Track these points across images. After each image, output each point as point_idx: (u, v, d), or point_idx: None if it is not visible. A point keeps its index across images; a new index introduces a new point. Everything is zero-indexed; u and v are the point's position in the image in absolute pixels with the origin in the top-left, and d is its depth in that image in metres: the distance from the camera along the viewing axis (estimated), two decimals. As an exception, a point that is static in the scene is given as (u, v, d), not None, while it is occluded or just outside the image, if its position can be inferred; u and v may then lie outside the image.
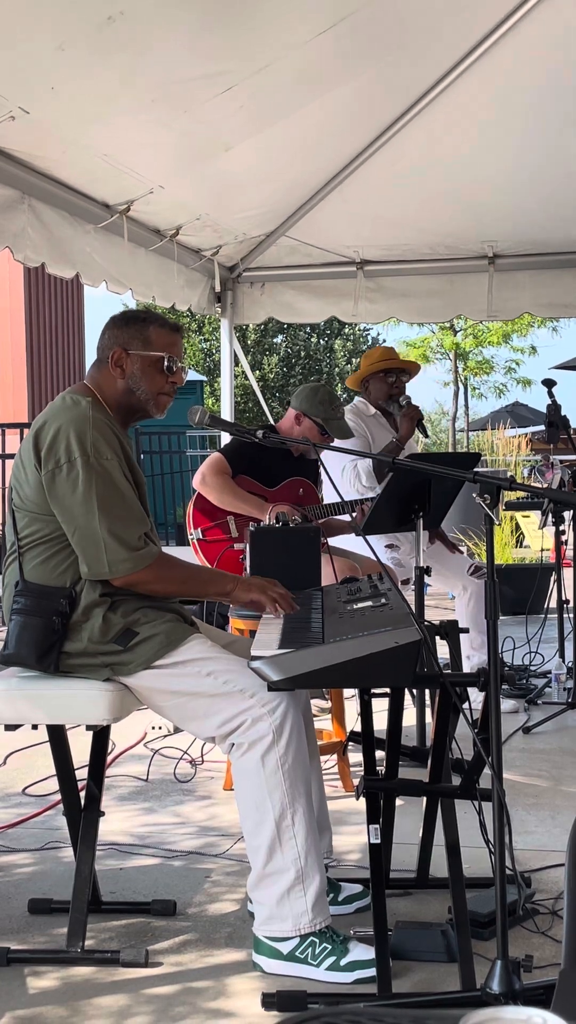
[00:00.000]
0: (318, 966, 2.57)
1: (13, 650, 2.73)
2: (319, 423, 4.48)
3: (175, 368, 2.91)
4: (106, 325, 2.94)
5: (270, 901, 2.61)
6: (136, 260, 5.11)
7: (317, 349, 28.99)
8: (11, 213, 4.03)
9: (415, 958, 2.65)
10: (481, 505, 2.28)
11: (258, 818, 2.61)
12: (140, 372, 2.87)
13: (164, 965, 2.69)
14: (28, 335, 17.59)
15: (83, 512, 2.68)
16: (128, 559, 2.69)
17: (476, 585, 5.09)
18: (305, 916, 2.57)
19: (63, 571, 2.74)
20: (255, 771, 2.60)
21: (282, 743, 2.59)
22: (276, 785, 2.59)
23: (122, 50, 3.50)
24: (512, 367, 22.53)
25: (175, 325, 2.95)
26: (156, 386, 2.90)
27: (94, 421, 2.72)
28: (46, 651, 2.71)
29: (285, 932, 2.58)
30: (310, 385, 4.65)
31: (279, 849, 2.59)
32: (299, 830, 2.59)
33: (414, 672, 2.36)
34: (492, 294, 6.15)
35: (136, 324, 2.89)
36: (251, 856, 2.65)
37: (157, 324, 2.91)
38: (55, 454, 2.69)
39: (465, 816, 2.67)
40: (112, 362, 2.86)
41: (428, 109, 4.94)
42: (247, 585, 2.85)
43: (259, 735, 2.60)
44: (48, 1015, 2.45)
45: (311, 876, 2.58)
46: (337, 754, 4.01)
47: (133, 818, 3.77)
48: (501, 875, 2.20)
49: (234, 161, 4.76)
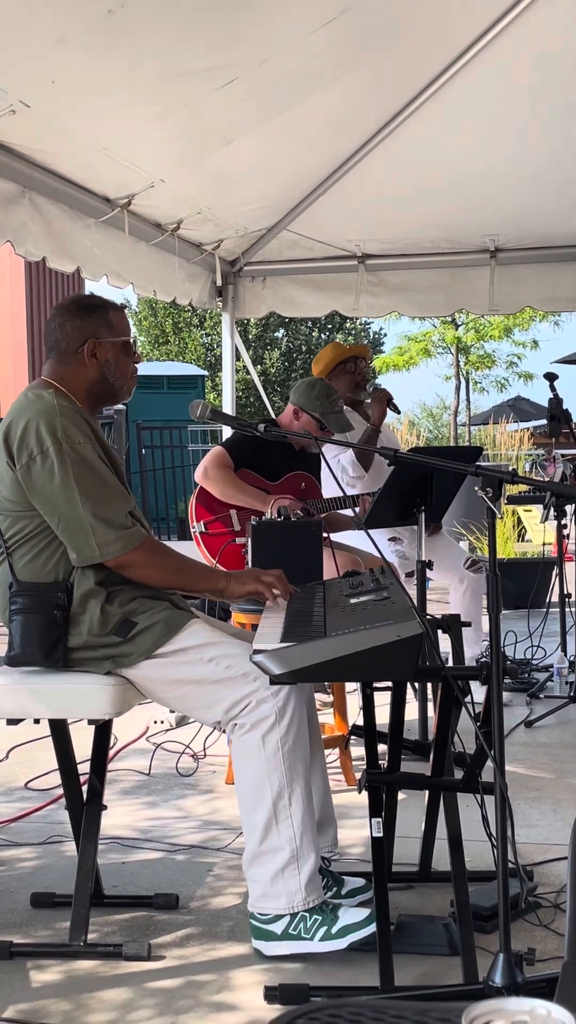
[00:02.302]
0: (312, 939, 2.61)
1: (19, 650, 2.72)
2: (317, 418, 4.48)
3: (135, 349, 2.94)
4: (60, 317, 2.87)
5: (264, 879, 2.64)
6: (137, 254, 5.11)
7: (319, 344, 28.95)
8: (12, 207, 4.02)
9: (417, 951, 2.65)
10: (483, 498, 2.28)
11: (256, 797, 2.63)
12: (113, 359, 2.87)
13: (167, 959, 2.69)
14: (29, 330, 17.58)
15: (64, 500, 2.67)
16: (117, 539, 2.68)
17: (472, 578, 5.10)
18: (299, 894, 2.61)
19: (54, 565, 2.73)
20: (255, 751, 2.62)
21: (283, 724, 2.61)
22: (275, 766, 2.61)
23: (123, 43, 3.49)
24: (514, 361, 22.50)
25: (123, 305, 2.97)
26: (126, 370, 2.92)
27: (60, 409, 2.71)
28: (52, 646, 2.71)
29: (278, 909, 2.62)
30: (307, 380, 4.65)
31: (275, 828, 2.62)
32: (296, 810, 2.62)
33: (416, 666, 2.36)
34: (494, 288, 6.14)
35: (97, 312, 2.88)
36: (247, 833, 2.68)
37: (112, 308, 2.92)
38: (27, 447, 2.68)
39: (467, 810, 2.67)
40: (87, 353, 2.84)
41: (430, 102, 4.92)
42: (241, 579, 2.85)
43: (262, 715, 2.62)
44: (51, 1008, 2.45)
45: (306, 855, 2.62)
46: (339, 748, 4.02)
47: (135, 812, 3.78)
48: (503, 868, 2.20)
49: (235, 155, 4.75)
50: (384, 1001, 0.89)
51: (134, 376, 2.96)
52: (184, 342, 26.84)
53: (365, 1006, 0.88)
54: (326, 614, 2.60)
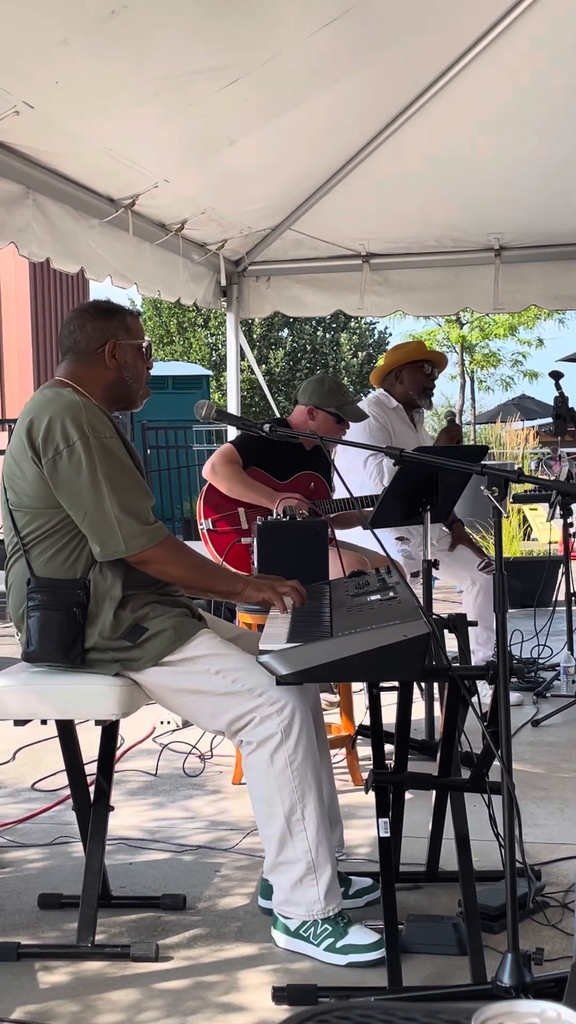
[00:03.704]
0: (317, 945, 2.65)
1: (37, 647, 2.71)
2: (333, 412, 4.47)
3: (150, 354, 2.96)
4: (80, 319, 2.89)
5: (285, 886, 2.68)
6: (141, 254, 5.10)
7: (323, 343, 28.95)
8: (16, 208, 4.02)
9: (426, 951, 2.65)
10: (489, 497, 2.28)
11: (268, 812, 2.66)
12: (131, 361, 2.89)
13: (174, 959, 2.69)
14: (34, 330, 17.58)
15: (92, 493, 2.67)
16: (142, 533, 2.68)
17: (485, 579, 5.09)
18: (317, 904, 2.65)
19: (73, 562, 2.73)
20: (264, 768, 2.63)
21: (291, 742, 2.61)
22: (285, 783, 2.62)
23: (126, 44, 3.48)
24: (519, 360, 22.50)
25: (138, 312, 2.99)
26: (142, 374, 2.94)
27: (84, 404, 2.72)
28: (71, 643, 2.70)
29: (300, 916, 2.66)
30: (314, 378, 4.64)
31: (290, 842, 2.64)
32: (309, 824, 2.63)
33: (422, 665, 2.35)
34: (498, 287, 6.12)
35: (116, 315, 2.91)
36: (264, 843, 2.72)
37: (128, 313, 2.96)
38: (53, 441, 2.67)
39: (475, 809, 2.67)
40: (107, 354, 2.85)
41: (434, 101, 4.91)
42: (257, 586, 2.84)
43: (268, 733, 2.62)
44: (59, 1010, 2.45)
45: (323, 866, 2.64)
46: (346, 748, 4.01)
47: (142, 813, 3.77)
48: (511, 868, 2.20)
49: (239, 155, 4.75)
50: (393, 1003, 0.89)
51: (147, 382, 2.97)
52: (189, 342, 26.85)
53: (374, 1008, 0.88)
54: (332, 614, 2.60)
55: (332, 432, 4.47)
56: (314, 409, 4.49)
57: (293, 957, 2.66)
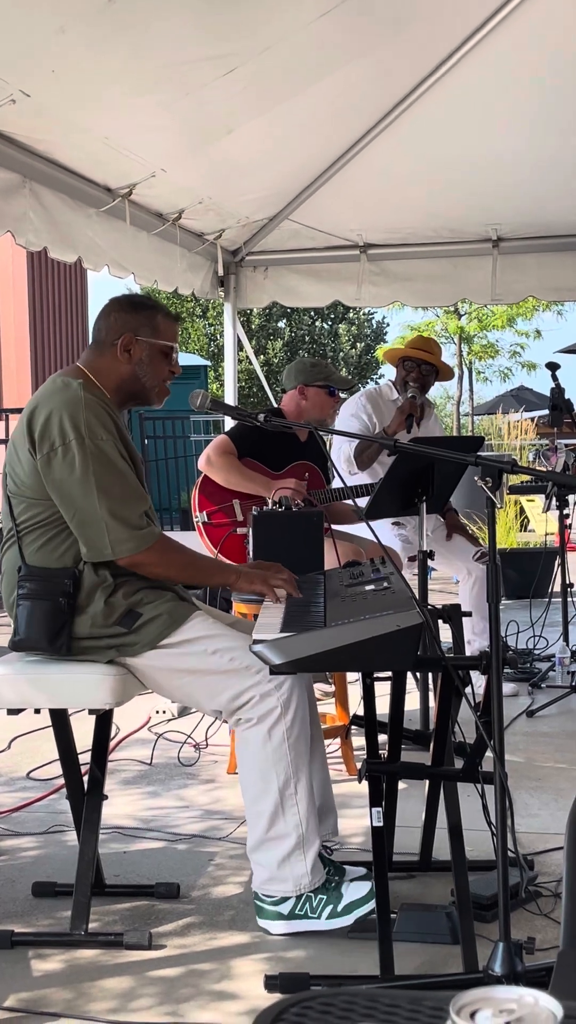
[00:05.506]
0: (319, 917, 2.68)
1: (24, 635, 2.73)
2: (323, 384, 4.49)
3: (176, 358, 2.93)
4: (109, 308, 2.90)
5: (271, 863, 2.69)
6: (138, 244, 5.10)
7: (321, 333, 28.93)
8: (12, 197, 4.01)
9: (418, 940, 2.66)
10: (483, 488, 2.28)
11: (262, 787, 2.68)
12: (148, 359, 2.87)
13: (168, 948, 2.70)
14: (31, 319, 17.55)
15: (82, 494, 2.67)
16: (130, 539, 2.69)
17: (481, 570, 5.09)
18: (305, 877, 2.68)
19: (63, 552, 2.74)
20: (261, 743, 2.67)
21: (289, 716, 2.66)
22: (281, 756, 2.66)
23: (123, 32, 3.48)
24: (517, 351, 22.46)
25: (177, 315, 2.98)
26: (161, 375, 2.91)
27: (86, 401, 2.71)
28: (56, 633, 2.71)
29: (286, 892, 2.69)
30: (293, 362, 4.69)
31: (282, 816, 2.67)
32: (301, 797, 2.68)
33: (416, 655, 2.36)
34: (496, 277, 6.12)
35: (145, 311, 2.88)
36: (251, 821, 2.73)
37: (163, 313, 2.92)
38: (49, 438, 2.68)
39: (468, 799, 2.67)
40: (121, 347, 2.84)
41: (432, 91, 4.91)
42: (250, 577, 2.85)
43: (267, 709, 2.66)
44: (52, 997, 2.46)
45: (311, 840, 2.69)
46: (340, 737, 4.02)
47: (137, 802, 3.78)
48: (503, 857, 2.20)
49: (237, 144, 4.74)
50: (379, 990, 0.89)
51: (167, 383, 2.94)
52: (187, 332, 26.82)
53: (359, 995, 0.88)
54: (326, 604, 2.60)
55: (326, 406, 4.50)
56: (303, 387, 4.51)
57: (286, 945, 2.67)
